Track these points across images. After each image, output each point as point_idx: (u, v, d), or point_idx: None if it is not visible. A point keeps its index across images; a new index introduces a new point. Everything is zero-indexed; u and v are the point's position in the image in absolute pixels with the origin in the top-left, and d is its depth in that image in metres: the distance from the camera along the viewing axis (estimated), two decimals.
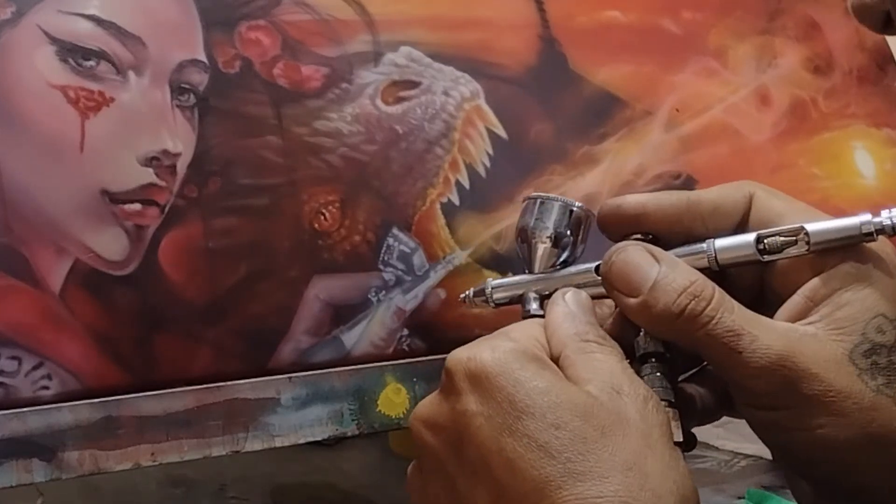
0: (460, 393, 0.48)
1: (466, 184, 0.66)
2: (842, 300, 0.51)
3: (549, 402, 0.46)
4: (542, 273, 0.57)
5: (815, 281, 0.52)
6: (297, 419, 0.59)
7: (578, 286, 0.55)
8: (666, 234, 0.55)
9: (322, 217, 0.62)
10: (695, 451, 0.55)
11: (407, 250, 0.64)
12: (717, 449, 0.91)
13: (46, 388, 0.55)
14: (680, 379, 0.55)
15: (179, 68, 0.60)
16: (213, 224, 0.59)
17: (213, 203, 0.60)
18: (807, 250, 0.52)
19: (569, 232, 0.56)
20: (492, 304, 0.58)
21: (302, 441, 0.60)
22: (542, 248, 0.57)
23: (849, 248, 0.52)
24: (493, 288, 0.58)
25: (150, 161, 0.59)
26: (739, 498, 0.80)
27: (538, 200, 0.57)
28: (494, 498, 0.46)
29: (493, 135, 0.68)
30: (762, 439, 0.52)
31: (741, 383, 0.50)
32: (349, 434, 0.60)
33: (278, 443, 0.59)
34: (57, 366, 0.56)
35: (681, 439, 0.50)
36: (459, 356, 0.49)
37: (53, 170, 0.57)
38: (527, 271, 0.57)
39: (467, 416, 0.47)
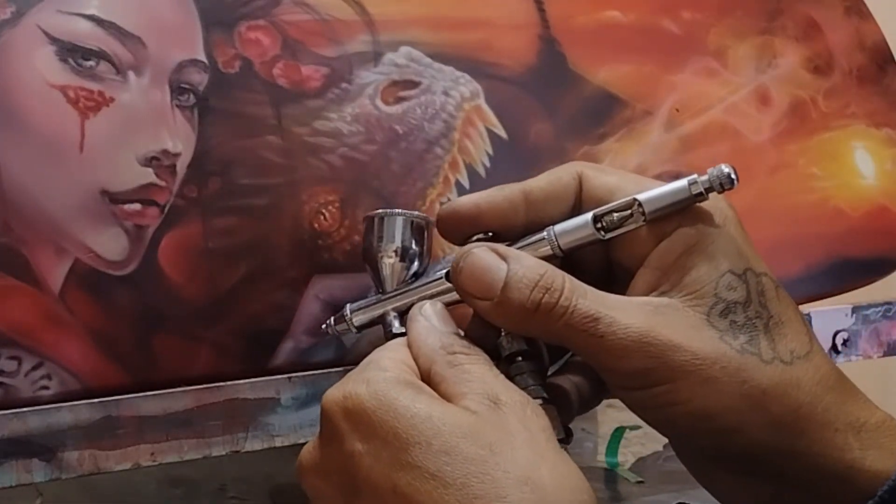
0: (343, 434, 0.47)
1: (466, 184, 0.66)
2: (688, 264, 0.51)
3: (432, 428, 0.46)
4: (395, 290, 0.57)
5: (658, 249, 0.52)
6: (297, 419, 0.59)
7: (433, 296, 0.55)
8: (505, 229, 0.54)
9: (322, 217, 0.62)
10: None
11: None
12: None
13: (46, 388, 0.55)
14: (550, 372, 0.55)
15: (179, 68, 0.60)
16: (213, 224, 0.59)
17: (213, 203, 0.60)
18: (643, 220, 0.52)
19: (414, 243, 0.57)
20: (354, 330, 0.58)
21: (302, 441, 0.60)
22: (390, 264, 0.57)
23: (684, 211, 0.52)
24: (352, 312, 0.58)
25: (150, 161, 0.59)
26: None
27: (377, 217, 0.57)
28: None
29: (493, 135, 0.68)
30: (643, 419, 0.52)
31: (608, 367, 0.50)
32: None
33: (278, 443, 0.59)
34: (57, 366, 0.56)
35: (562, 436, 0.50)
36: (334, 396, 0.48)
37: (53, 170, 0.57)
38: (380, 291, 0.57)
39: (355, 458, 0.46)
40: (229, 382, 0.58)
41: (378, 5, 0.66)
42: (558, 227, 0.54)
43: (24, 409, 0.54)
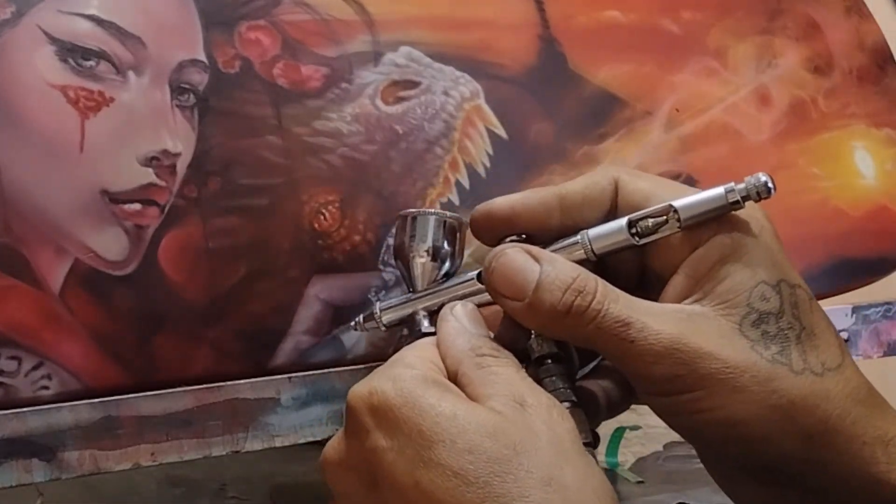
0: (367, 430, 0.47)
1: (466, 184, 0.66)
2: (722, 274, 0.51)
3: (457, 426, 0.46)
4: (426, 289, 0.57)
5: (692, 257, 0.52)
6: (297, 419, 0.59)
7: (464, 297, 0.55)
8: (539, 232, 0.54)
9: (322, 217, 0.62)
10: (695, 452, 0.55)
11: None
12: None
13: (46, 388, 0.55)
14: (579, 376, 0.55)
15: (179, 68, 0.60)
16: (213, 224, 0.59)
17: (213, 203, 0.60)
18: (678, 227, 0.52)
19: (445, 243, 0.56)
20: (382, 328, 0.58)
21: (302, 441, 0.60)
22: (422, 263, 0.57)
23: (720, 219, 0.52)
24: (381, 311, 0.58)
25: (150, 161, 0.59)
26: None
27: (410, 217, 0.57)
28: None
29: (493, 135, 0.68)
30: (669, 425, 0.52)
31: (638, 372, 0.50)
32: None
33: (278, 443, 0.59)
34: (57, 366, 0.56)
35: (589, 440, 0.50)
36: (360, 392, 0.48)
37: (53, 170, 0.57)
38: (410, 290, 0.57)
39: (378, 454, 0.47)
40: (229, 382, 0.58)
41: (378, 5, 0.66)
42: (592, 232, 0.53)
43: (24, 409, 0.54)
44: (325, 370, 0.60)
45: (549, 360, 0.52)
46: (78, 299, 0.56)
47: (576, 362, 0.54)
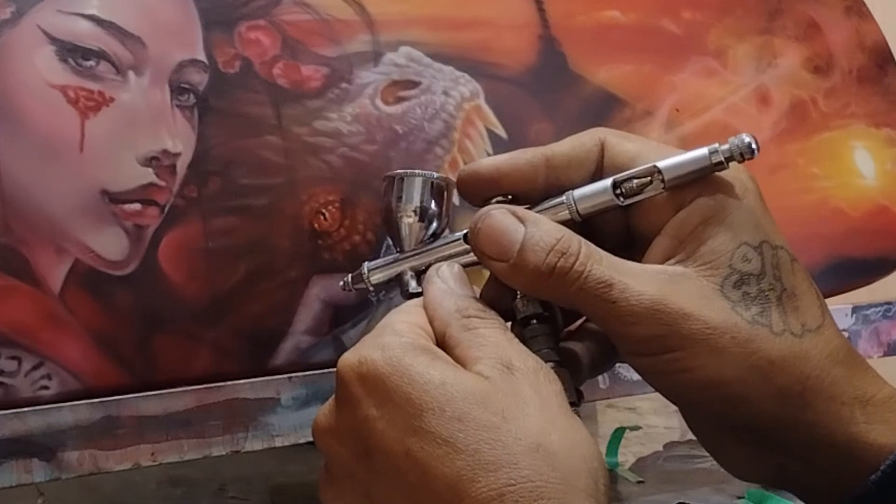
0: (357, 399, 0.47)
1: None
2: (705, 234, 0.51)
3: (446, 394, 0.46)
4: (413, 249, 0.57)
5: (676, 218, 0.52)
6: (297, 419, 0.59)
7: (451, 257, 0.55)
8: (525, 192, 0.54)
9: (322, 217, 0.62)
10: (695, 452, 0.55)
11: None
12: None
13: (46, 387, 0.55)
14: (563, 335, 0.55)
15: (179, 68, 0.60)
16: (213, 224, 0.59)
17: (213, 203, 0.60)
18: (663, 188, 0.52)
19: (433, 204, 0.57)
20: (370, 288, 0.58)
21: (302, 441, 0.60)
22: (409, 223, 0.57)
23: (704, 180, 0.52)
24: (369, 271, 0.58)
25: (150, 161, 0.59)
26: (739, 498, 0.80)
27: (397, 178, 0.57)
28: (411, 500, 0.46)
29: (492, 135, 0.68)
30: (651, 385, 0.52)
31: (620, 332, 0.50)
32: None
33: (278, 443, 0.59)
34: (57, 366, 0.56)
35: (574, 399, 0.50)
36: (350, 361, 0.48)
37: (53, 170, 0.57)
38: (398, 250, 0.57)
39: (368, 422, 0.47)
40: (229, 382, 0.58)
41: (378, 5, 0.66)
42: (577, 192, 0.53)
43: (24, 409, 0.54)
44: (325, 370, 0.60)
45: (535, 321, 0.53)
46: (78, 299, 0.56)
47: (560, 322, 0.55)
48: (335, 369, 0.48)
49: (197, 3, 0.62)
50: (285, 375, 0.60)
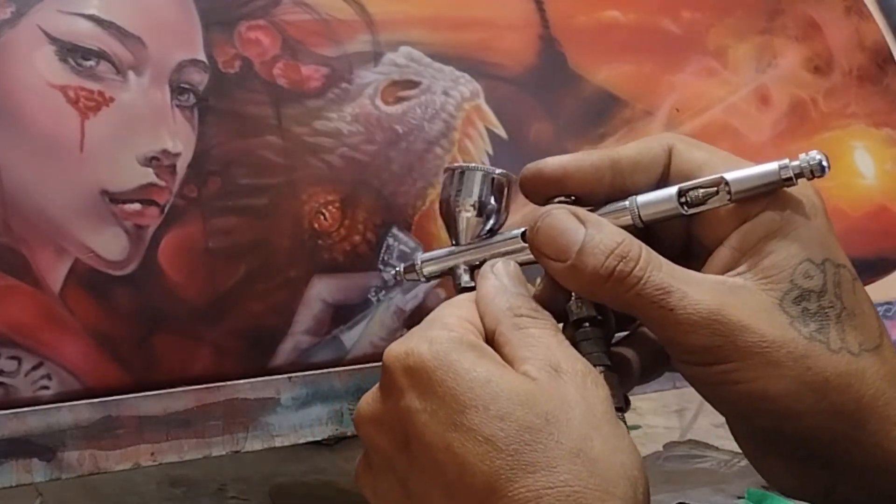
0: (402, 390, 0.47)
1: None
2: (768, 248, 0.51)
3: (490, 392, 0.46)
4: (469, 243, 0.57)
5: (739, 231, 0.51)
6: (297, 419, 0.59)
7: (507, 254, 0.55)
8: (589, 194, 0.54)
9: (322, 217, 0.62)
10: (695, 451, 0.55)
11: (407, 250, 0.64)
12: (717, 449, 0.91)
13: (46, 387, 0.55)
14: (615, 340, 0.55)
15: (179, 68, 0.60)
16: (213, 224, 0.59)
17: (213, 203, 0.60)
18: (729, 200, 0.52)
19: (492, 199, 0.56)
20: (423, 279, 0.58)
21: (302, 441, 0.60)
22: (467, 217, 0.57)
23: (771, 194, 0.51)
24: (422, 262, 0.58)
25: (150, 161, 0.59)
26: (739, 498, 0.80)
27: (458, 170, 0.57)
28: (446, 495, 0.46)
29: (492, 135, 0.68)
30: (701, 394, 0.52)
31: (675, 340, 0.50)
32: (349, 434, 0.60)
33: (278, 443, 0.59)
34: (57, 366, 0.56)
35: (621, 405, 0.50)
36: (397, 352, 0.48)
37: (53, 170, 0.57)
38: (454, 243, 0.57)
39: (411, 414, 0.47)
40: (229, 382, 0.58)
41: (378, 5, 0.66)
42: (641, 198, 0.53)
43: (24, 409, 0.54)
44: (325, 370, 0.60)
45: (588, 324, 0.52)
46: (78, 299, 0.56)
47: (613, 326, 0.54)
48: (335, 368, 0.49)
49: (197, 3, 0.62)
50: (285, 375, 0.60)
